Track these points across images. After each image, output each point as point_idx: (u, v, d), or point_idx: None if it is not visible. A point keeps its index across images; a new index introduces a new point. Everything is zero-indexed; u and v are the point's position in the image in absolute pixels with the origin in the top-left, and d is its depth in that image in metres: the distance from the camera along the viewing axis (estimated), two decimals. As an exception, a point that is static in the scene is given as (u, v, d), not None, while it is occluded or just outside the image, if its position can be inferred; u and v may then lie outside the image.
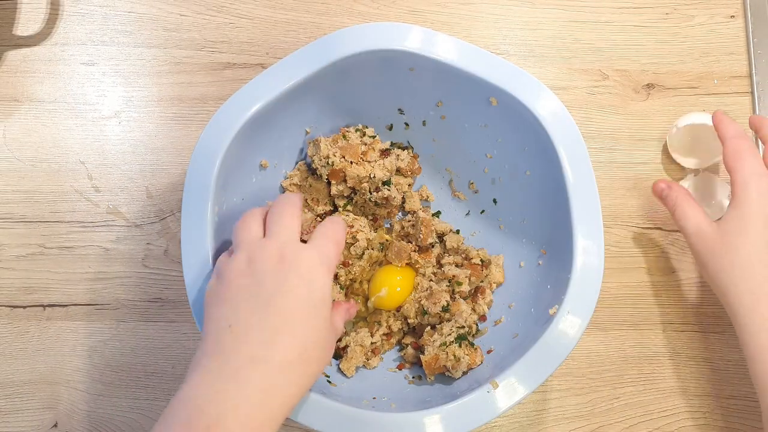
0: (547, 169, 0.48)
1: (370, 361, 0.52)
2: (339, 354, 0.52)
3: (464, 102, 0.51)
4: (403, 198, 0.55)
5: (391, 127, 0.56)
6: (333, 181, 0.52)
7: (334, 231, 0.41)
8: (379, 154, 0.53)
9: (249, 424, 0.33)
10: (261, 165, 0.51)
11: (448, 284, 0.52)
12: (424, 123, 0.55)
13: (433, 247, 0.55)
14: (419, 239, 0.53)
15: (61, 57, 0.61)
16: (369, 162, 0.52)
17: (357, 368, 0.51)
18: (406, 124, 0.56)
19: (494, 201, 0.55)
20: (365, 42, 0.47)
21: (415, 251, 0.54)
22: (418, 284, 0.53)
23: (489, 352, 0.50)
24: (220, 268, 0.39)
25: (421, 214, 0.55)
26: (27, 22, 0.61)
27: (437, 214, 0.57)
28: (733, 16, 0.64)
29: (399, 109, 0.55)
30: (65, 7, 0.62)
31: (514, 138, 0.51)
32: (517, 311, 0.51)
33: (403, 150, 0.55)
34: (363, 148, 0.52)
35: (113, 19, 0.62)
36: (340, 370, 0.51)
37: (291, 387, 0.35)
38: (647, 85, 0.62)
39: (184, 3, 0.62)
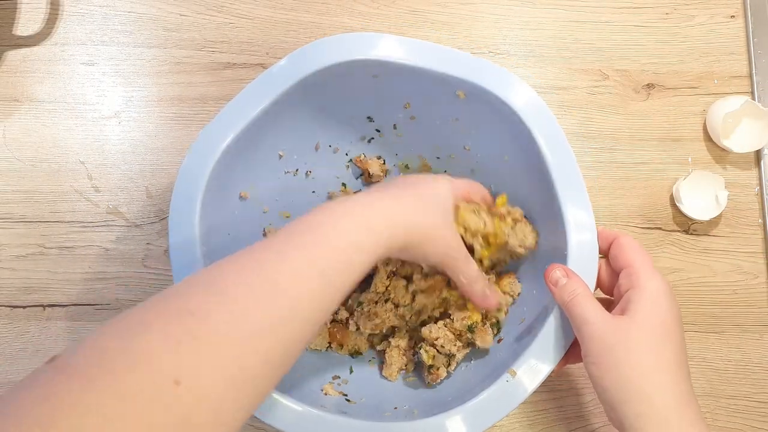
0: (523, 151, 0.48)
1: (407, 365, 0.52)
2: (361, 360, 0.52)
3: (431, 100, 0.51)
4: None
5: (369, 141, 0.56)
6: None
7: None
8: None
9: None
10: (241, 196, 0.51)
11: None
12: (394, 126, 0.55)
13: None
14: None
15: (61, 57, 0.61)
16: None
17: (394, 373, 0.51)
18: (378, 131, 0.56)
19: None
20: (324, 59, 0.46)
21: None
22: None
23: (499, 341, 0.50)
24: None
25: None
26: (27, 22, 0.61)
27: None
28: (733, 16, 0.64)
29: (368, 117, 0.55)
30: (65, 7, 0.62)
31: (487, 126, 0.51)
32: (521, 296, 0.51)
33: (378, 159, 0.56)
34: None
35: (113, 19, 0.62)
36: (383, 376, 0.51)
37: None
38: (647, 85, 0.62)
39: (184, 3, 0.62)
